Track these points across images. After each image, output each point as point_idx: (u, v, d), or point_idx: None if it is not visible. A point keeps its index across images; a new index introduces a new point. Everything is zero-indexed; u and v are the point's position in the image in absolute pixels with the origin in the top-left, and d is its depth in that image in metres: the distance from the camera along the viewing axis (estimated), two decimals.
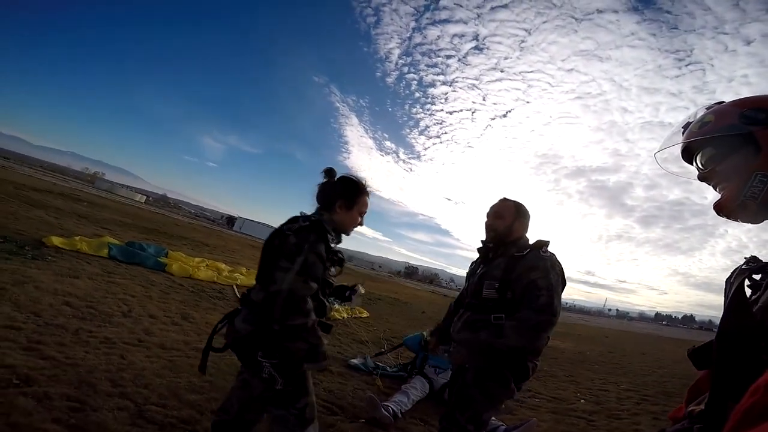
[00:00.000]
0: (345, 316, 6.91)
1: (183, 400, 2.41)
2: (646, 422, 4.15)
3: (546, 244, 1.91)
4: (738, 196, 0.82)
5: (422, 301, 18.15)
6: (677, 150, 0.96)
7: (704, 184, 0.91)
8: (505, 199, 2.08)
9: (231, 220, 68.05)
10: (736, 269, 0.83)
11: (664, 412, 4.60)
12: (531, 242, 1.95)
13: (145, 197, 77.39)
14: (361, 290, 1.89)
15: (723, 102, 0.90)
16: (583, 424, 3.87)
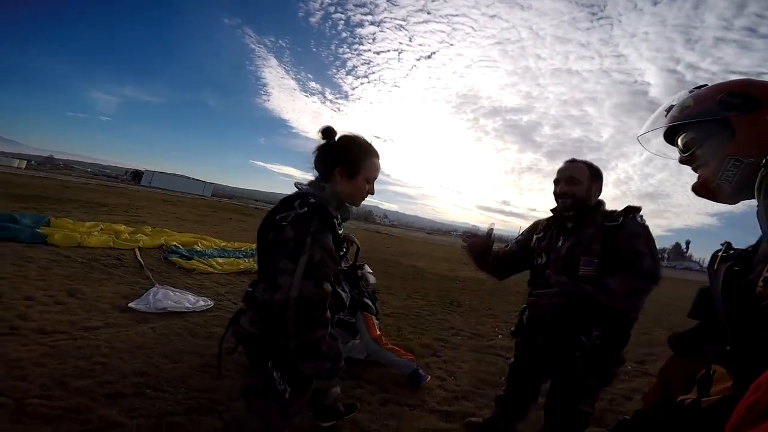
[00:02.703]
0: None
1: (70, 388, 2.20)
2: None
3: (638, 210, 1.73)
4: (713, 179, 0.85)
5: (358, 239, 18.50)
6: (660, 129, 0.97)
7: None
8: (574, 160, 1.86)
9: (137, 175, 61.62)
10: (715, 256, 0.84)
11: None
12: (614, 209, 1.79)
13: (25, 162, 66.99)
14: (368, 269, 1.70)
15: (706, 85, 0.90)
16: (502, 362, 3.80)
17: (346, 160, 1.40)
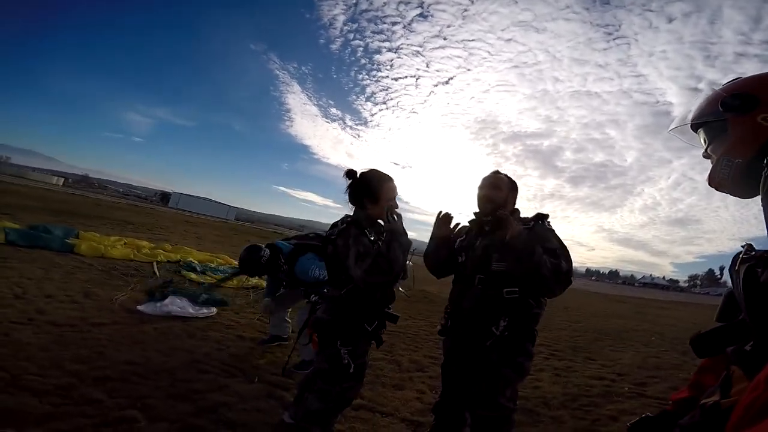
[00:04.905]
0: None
1: (65, 370, 2.43)
2: (547, 378, 4.18)
3: (547, 216, 1.97)
4: (714, 177, 0.90)
5: None
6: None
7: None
8: (497, 172, 2.09)
9: (165, 197, 64.19)
10: (737, 258, 0.83)
11: (568, 368, 4.71)
12: (527, 215, 2.00)
13: (62, 179, 71.79)
14: (409, 264, 2.04)
15: (738, 78, 0.92)
16: None
17: (369, 190, 1.90)
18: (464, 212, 2.13)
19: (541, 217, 1.96)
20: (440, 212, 2.05)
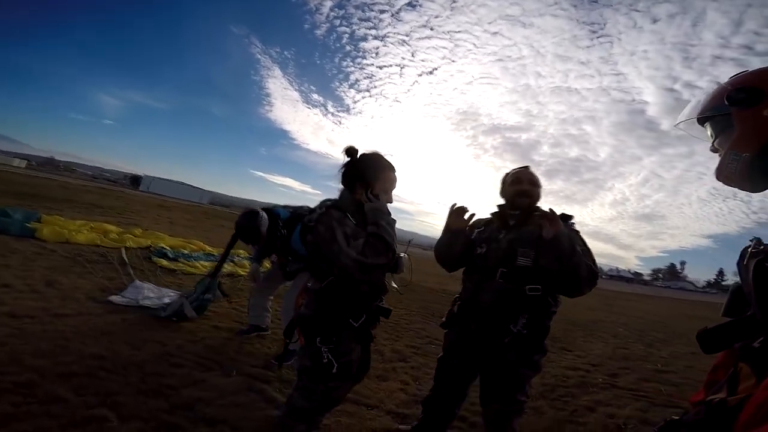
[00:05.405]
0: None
1: (25, 365, 2.25)
2: None
3: (572, 217, 1.95)
4: (722, 171, 0.89)
5: None
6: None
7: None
8: (529, 167, 2.06)
9: (136, 180, 62.34)
10: (745, 252, 0.82)
11: (546, 360, 5.02)
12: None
13: (26, 162, 68.92)
14: (405, 255, 1.85)
15: (744, 71, 0.92)
16: None
17: (364, 175, 1.68)
18: (443, 201, 2.01)
19: (566, 218, 1.92)
20: (454, 204, 1.96)
